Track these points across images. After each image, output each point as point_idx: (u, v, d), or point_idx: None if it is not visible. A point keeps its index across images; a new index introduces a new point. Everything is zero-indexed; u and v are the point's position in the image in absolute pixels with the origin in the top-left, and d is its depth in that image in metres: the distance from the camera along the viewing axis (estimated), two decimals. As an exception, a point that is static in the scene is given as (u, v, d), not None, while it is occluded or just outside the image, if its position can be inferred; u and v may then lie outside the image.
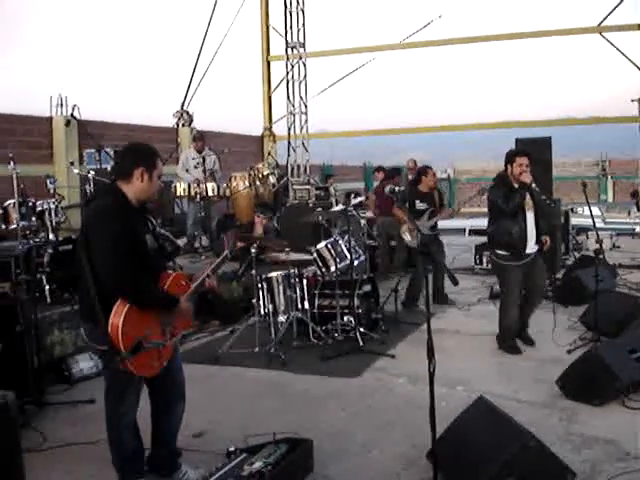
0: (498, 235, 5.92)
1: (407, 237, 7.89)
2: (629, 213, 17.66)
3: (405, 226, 7.88)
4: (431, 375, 3.10)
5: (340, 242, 6.77)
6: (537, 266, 5.99)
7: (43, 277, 5.95)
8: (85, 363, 5.57)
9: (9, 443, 3.26)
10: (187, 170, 9.89)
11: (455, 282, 4.82)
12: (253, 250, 6.20)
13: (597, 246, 6.27)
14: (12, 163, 5.93)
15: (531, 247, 5.89)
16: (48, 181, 6.79)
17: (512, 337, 6.11)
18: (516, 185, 5.82)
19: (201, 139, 10.08)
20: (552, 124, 16.97)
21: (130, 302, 3.11)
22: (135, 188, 3.34)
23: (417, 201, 7.88)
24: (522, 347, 6.10)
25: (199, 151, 9.89)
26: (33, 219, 6.41)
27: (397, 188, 9.03)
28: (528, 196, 5.81)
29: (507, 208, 5.77)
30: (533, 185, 5.73)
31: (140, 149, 3.50)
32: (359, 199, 8.55)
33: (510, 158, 5.89)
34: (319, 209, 7.40)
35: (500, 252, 5.97)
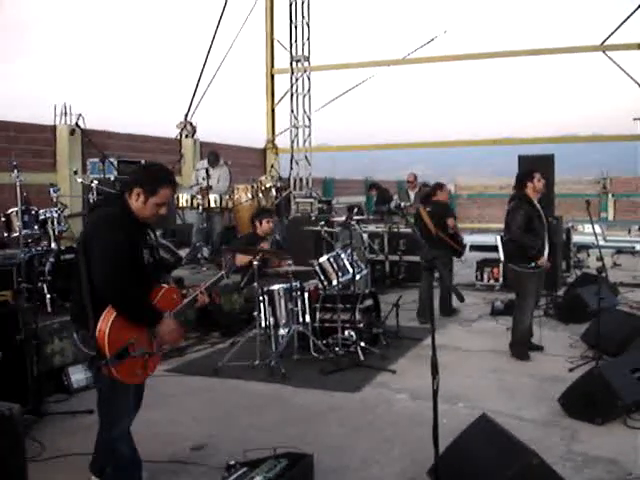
0: None
1: None
2: (629, 231, 17.65)
3: None
4: (435, 392, 3.08)
5: (342, 256, 6.76)
6: None
7: (44, 286, 5.94)
8: (84, 373, 5.54)
9: (14, 455, 3.25)
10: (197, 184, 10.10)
11: (461, 299, 4.79)
12: (255, 263, 6.19)
13: (598, 264, 6.26)
14: (16, 171, 5.94)
15: None
16: (51, 190, 6.78)
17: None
18: None
19: (215, 159, 10.24)
20: (554, 141, 16.96)
21: (118, 312, 3.12)
22: (132, 204, 3.34)
23: None
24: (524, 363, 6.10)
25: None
26: (36, 227, 6.38)
27: (403, 204, 9.03)
28: None
29: None
30: None
31: (151, 170, 3.48)
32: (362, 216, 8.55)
33: None
34: (322, 223, 7.39)
35: None
